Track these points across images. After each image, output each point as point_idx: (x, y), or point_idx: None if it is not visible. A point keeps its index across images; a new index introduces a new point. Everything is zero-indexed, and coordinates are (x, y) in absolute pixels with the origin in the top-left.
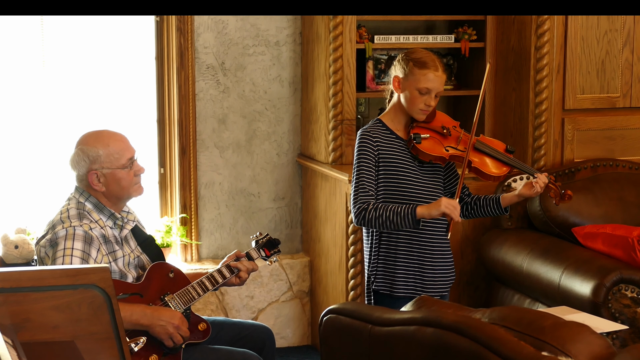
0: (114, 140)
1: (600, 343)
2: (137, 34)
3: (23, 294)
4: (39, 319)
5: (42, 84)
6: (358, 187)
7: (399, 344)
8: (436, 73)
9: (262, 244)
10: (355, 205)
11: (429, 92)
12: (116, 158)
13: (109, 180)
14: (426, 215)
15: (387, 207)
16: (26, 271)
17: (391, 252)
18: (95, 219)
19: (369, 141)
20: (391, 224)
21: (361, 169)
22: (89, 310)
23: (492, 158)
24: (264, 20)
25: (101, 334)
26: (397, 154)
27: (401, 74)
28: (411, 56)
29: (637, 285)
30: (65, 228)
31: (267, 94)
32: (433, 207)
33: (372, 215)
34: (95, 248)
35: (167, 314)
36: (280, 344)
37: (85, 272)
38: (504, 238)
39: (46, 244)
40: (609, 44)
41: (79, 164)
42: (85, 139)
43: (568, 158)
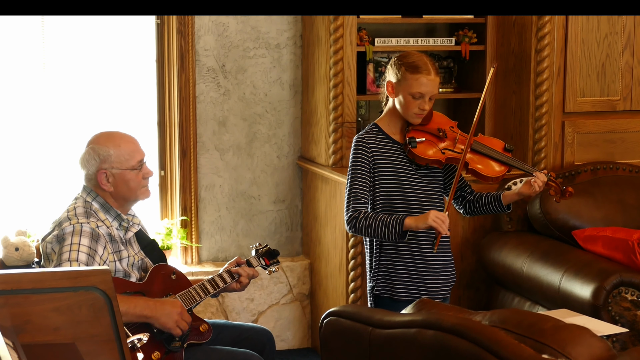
0: (125, 141)
1: (600, 346)
2: (138, 37)
3: (24, 296)
4: (40, 321)
5: (43, 87)
6: (350, 195)
7: (399, 347)
8: (429, 77)
9: (262, 253)
10: (347, 213)
11: (422, 96)
12: (126, 159)
13: (118, 180)
14: (413, 227)
15: (377, 217)
16: (27, 273)
17: (392, 255)
18: (101, 218)
19: (363, 148)
20: (380, 234)
21: (354, 177)
22: (90, 313)
23: (489, 158)
24: (264, 23)
25: (102, 336)
26: (394, 159)
27: (394, 78)
28: (403, 60)
29: (637, 288)
30: (73, 225)
31: (267, 97)
32: (421, 219)
33: (362, 225)
34: (101, 245)
35: (168, 303)
36: (281, 346)
37: (85, 275)
38: (504, 241)
39: (53, 240)
40: (609, 47)
41: (89, 162)
42: (97, 139)
43: (568, 161)
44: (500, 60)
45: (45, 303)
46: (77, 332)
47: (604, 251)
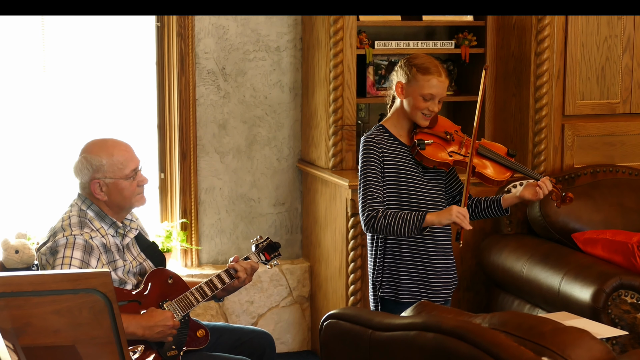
0: (118, 150)
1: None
2: (138, 39)
3: (24, 299)
4: (40, 324)
5: (43, 90)
6: (366, 195)
7: (399, 349)
8: (439, 79)
9: (262, 247)
10: (364, 213)
11: (432, 98)
12: (119, 168)
13: (112, 189)
14: (436, 222)
15: (397, 215)
16: (27, 276)
17: (396, 258)
18: (96, 227)
19: (374, 147)
20: (399, 230)
21: (368, 176)
22: (90, 315)
23: (494, 162)
24: (264, 26)
25: (102, 338)
26: (401, 160)
27: (404, 79)
28: (414, 62)
29: (637, 291)
30: (66, 237)
31: (267, 100)
32: (444, 215)
33: (382, 223)
34: (95, 257)
35: (159, 318)
36: (281, 349)
37: (86, 277)
38: (504, 243)
39: (47, 252)
40: (609, 50)
41: (82, 171)
42: (90, 147)
43: (568, 164)
44: (500, 63)
45: (46, 305)
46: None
47: (603, 254)
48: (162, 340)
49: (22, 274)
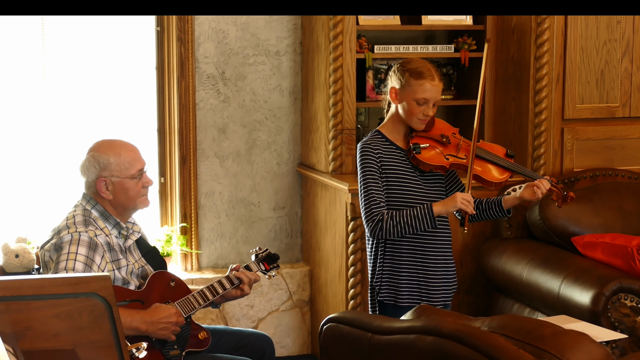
0: (125, 150)
1: (599, 352)
2: (138, 44)
3: (24, 302)
4: (40, 327)
5: (43, 94)
6: (369, 200)
7: (398, 353)
8: (433, 82)
9: (261, 257)
10: (369, 218)
11: (426, 102)
12: (126, 167)
13: (117, 189)
14: (443, 212)
15: (403, 213)
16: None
17: (395, 262)
18: (100, 226)
19: (371, 153)
20: (410, 228)
21: (368, 181)
22: (90, 319)
23: (493, 164)
24: (264, 30)
25: (102, 342)
26: (398, 165)
27: (397, 85)
28: (407, 66)
29: (637, 294)
30: (71, 233)
31: (267, 104)
32: (449, 203)
33: (389, 225)
34: (99, 255)
35: (163, 314)
36: (280, 353)
37: (86, 281)
38: (503, 247)
39: (51, 248)
40: (608, 53)
41: (89, 170)
42: (98, 146)
43: (567, 167)
44: (499, 67)
45: (46, 309)
46: (77, 338)
47: (603, 257)
48: (165, 337)
49: (22, 278)
